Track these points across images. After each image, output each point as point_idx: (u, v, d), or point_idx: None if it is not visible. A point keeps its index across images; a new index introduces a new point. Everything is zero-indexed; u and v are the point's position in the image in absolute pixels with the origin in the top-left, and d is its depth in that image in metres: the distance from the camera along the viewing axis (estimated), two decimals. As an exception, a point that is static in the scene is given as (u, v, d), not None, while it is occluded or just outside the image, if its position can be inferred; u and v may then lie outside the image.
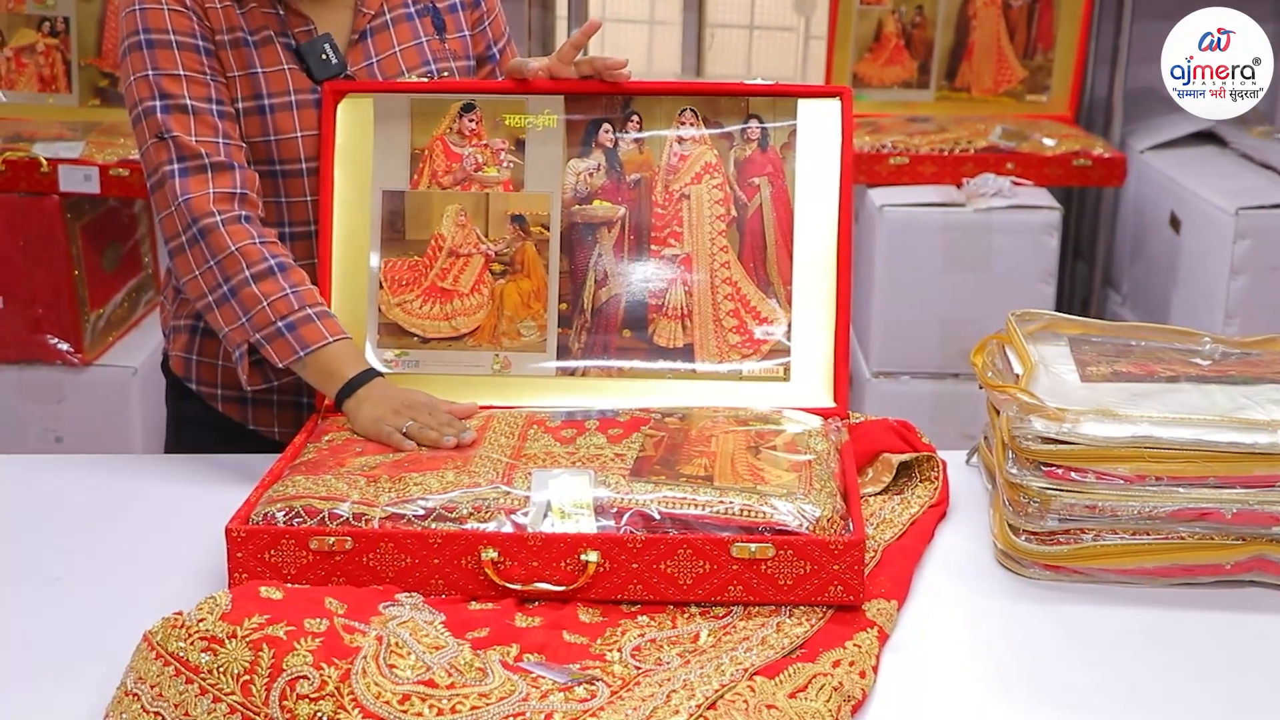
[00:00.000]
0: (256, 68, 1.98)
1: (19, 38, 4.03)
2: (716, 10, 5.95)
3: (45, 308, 3.74)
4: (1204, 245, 3.86)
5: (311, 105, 1.99)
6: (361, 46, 2.04)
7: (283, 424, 2.08)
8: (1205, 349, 1.82)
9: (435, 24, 2.12)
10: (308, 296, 1.87)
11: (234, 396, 2.08)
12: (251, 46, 1.98)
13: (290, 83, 1.99)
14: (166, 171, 1.91)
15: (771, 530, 1.51)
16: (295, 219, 2.01)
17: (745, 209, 1.90)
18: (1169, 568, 1.60)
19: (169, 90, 1.93)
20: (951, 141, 3.96)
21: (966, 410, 3.53)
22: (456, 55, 2.12)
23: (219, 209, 1.88)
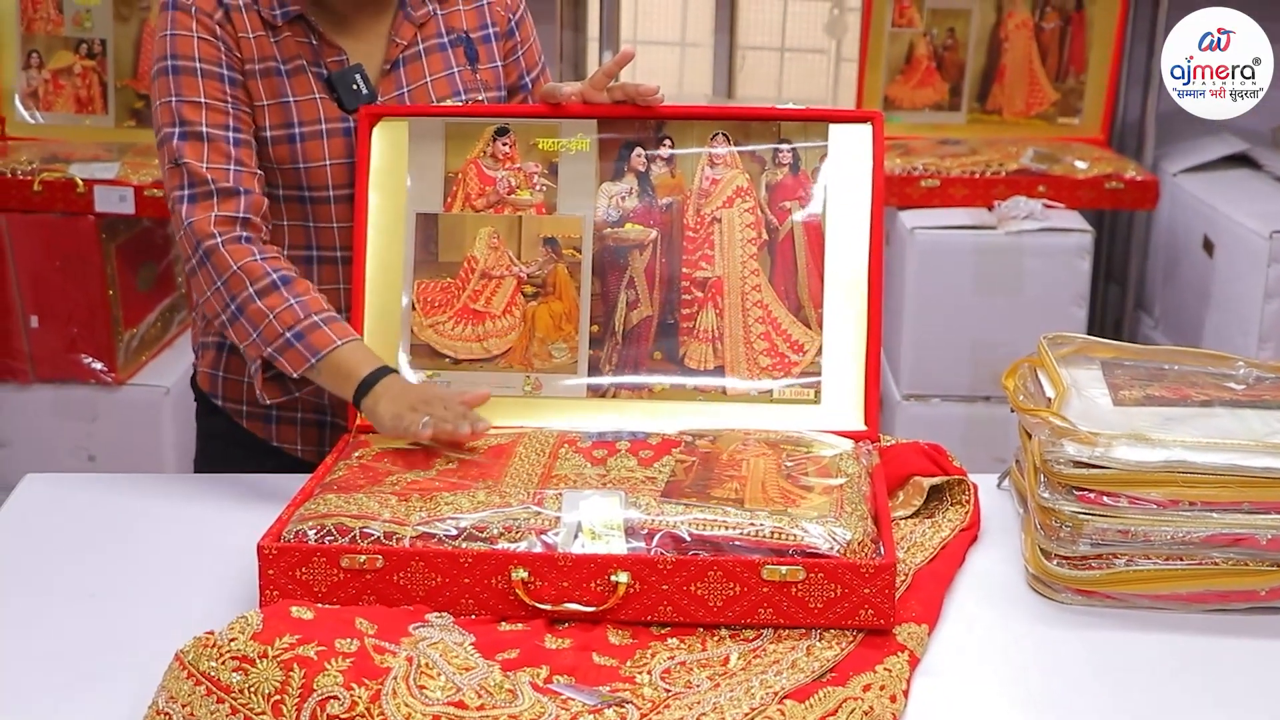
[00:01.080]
0: (288, 96, 2.00)
1: (56, 60, 4.06)
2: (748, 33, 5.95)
3: (80, 327, 3.76)
4: (1237, 268, 3.85)
5: (341, 134, 2.01)
6: (394, 76, 2.05)
7: (305, 441, 2.10)
8: (1239, 373, 1.81)
9: (468, 54, 2.13)
10: (313, 304, 1.88)
11: (258, 414, 2.10)
12: (284, 75, 2.00)
13: (321, 111, 2.01)
14: (176, 197, 1.94)
15: (802, 553, 1.51)
16: (323, 244, 2.03)
17: (776, 232, 1.90)
18: (1202, 594, 1.59)
19: (187, 117, 1.95)
20: (983, 164, 3.96)
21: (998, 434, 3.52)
22: (488, 85, 2.13)
23: (219, 230, 1.90)
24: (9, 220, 3.70)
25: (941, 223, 3.80)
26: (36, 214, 3.72)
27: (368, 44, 2.05)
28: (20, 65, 4.05)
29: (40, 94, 4.06)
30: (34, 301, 3.74)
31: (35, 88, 4.06)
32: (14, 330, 3.75)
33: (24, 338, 3.76)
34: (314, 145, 2.01)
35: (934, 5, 4.19)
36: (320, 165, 2.01)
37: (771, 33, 6.65)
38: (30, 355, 3.77)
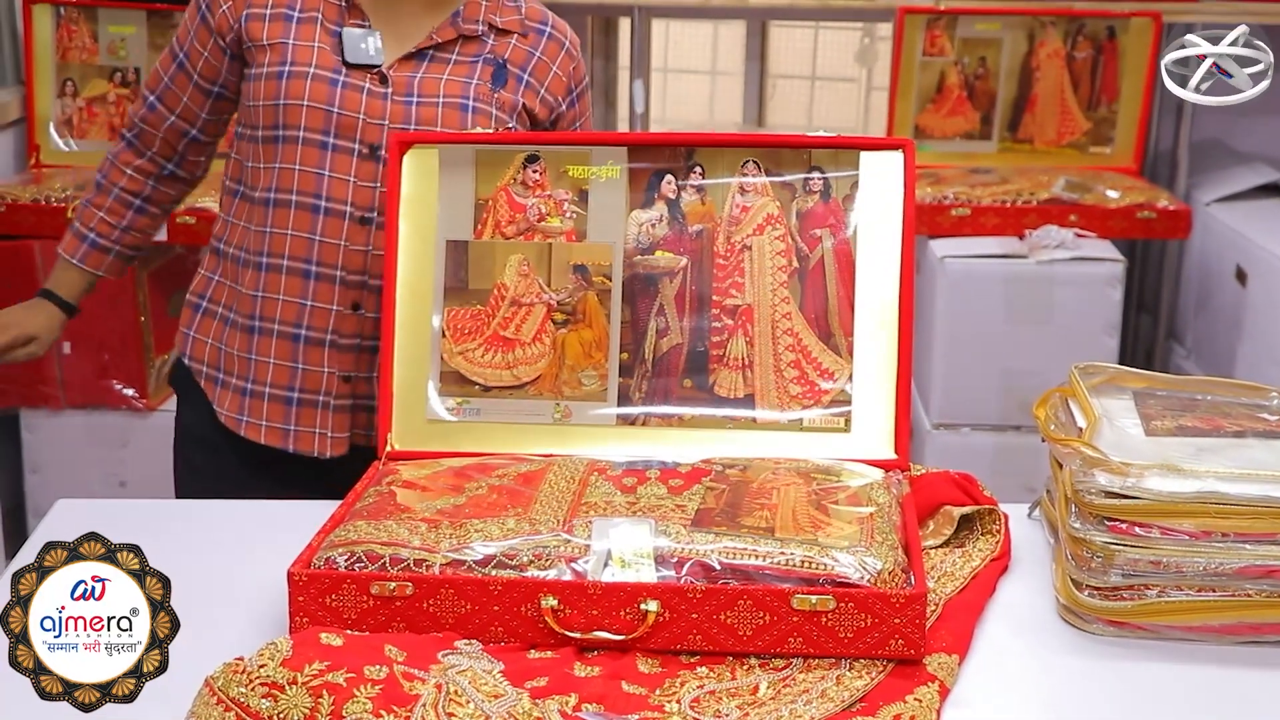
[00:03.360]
0: (289, 39, 2.14)
1: (91, 88, 4.09)
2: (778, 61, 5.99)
3: (111, 353, 3.78)
4: (1271, 298, 3.84)
5: (327, 82, 2.12)
6: (412, 63, 2.15)
7: (271, 418, 2.22)
8: (1273, 404, 1.80)
9: (495, 75, 2.16)
10: (100, 226, 2.41)
11: (232, 385, 2.24)
12: (292, 21, 2.15)
13: (315, 57, 2.14)
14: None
15: (832, 582, 1.51)
16: (282, 187, 2.18)
17: (807, 260, 1.90)
18: (1235, 625, 1.59)
19: (150, 85, 2.35)
20: (1014, 193, 3.96)
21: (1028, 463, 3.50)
22: (502, 107, 2.16)
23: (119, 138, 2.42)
24: (43, 247, 3.71)
25: (972, 251, 3.80)
26: (69, 241, 3.72)
27: (402, 29, 2.17)
28: (55, 93, 4.09)
29: (74, 121, 4.09)
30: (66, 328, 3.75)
31: (69, 115, 4.09)
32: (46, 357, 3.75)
33: (56, 364, 3.78)
34: (297, 84, 2.12)
35: (965, 34, 4.19)
36: (298, 104, 2.12)
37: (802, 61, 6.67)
38: (62, 381, 3.80)
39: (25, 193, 3.76)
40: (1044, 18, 4.18)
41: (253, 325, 2.20)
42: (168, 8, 4.11)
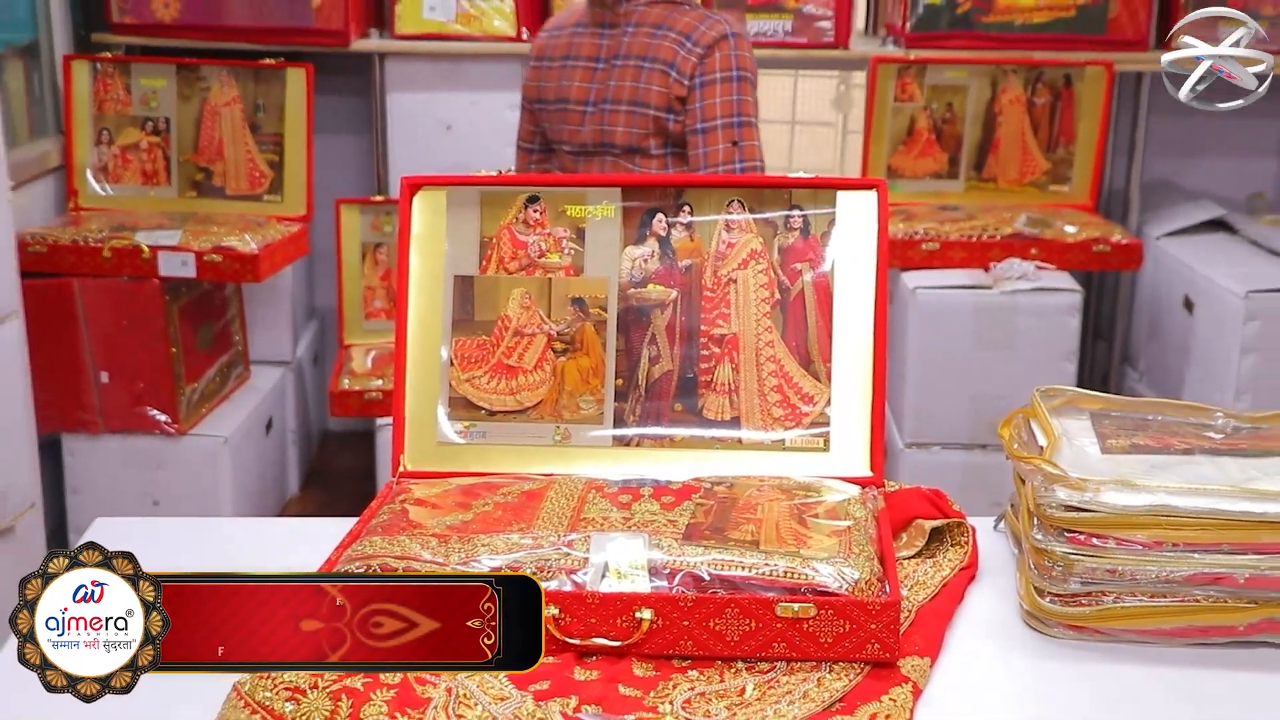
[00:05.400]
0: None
1: (125, 136, 4.11)
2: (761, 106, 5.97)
3: (145, 382, 3.79)
4: (1216, 326, 3.85)
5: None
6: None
7: None
8: (1218, 423, 1.80)
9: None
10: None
11: None
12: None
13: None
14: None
15: (813, 591, 1.51)
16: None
17: (788, 292, 1.91)
18: (1185, 629, 1.59)
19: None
20: (980, 228, 3.97)
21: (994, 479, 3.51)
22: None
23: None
24: (81, 284, 3.74)
25: (941, 283, 3.81)
26: (106, 278, 3.76)
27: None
28: (92, 142, 4.11)
29: (109, 168, 4.11)
30: (103, 359, 3.77)
31: (105, 162, 4.11)
32: (85, 385, 3.78)
33: (94, 392, 3.79)
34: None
35: (934, 82, 4.22)
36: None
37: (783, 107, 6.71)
38: (100, 408, 3.81)
39: (65, 234, 3.77)
40: (1006, 67, 4.20)
41: None
42: (195, 62, 4.13)
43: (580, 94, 2.92)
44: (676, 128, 2.76)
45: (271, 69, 4.13)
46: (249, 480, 3.98)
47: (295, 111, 4.12)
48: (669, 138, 2.78)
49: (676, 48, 2.77)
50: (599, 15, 2.89)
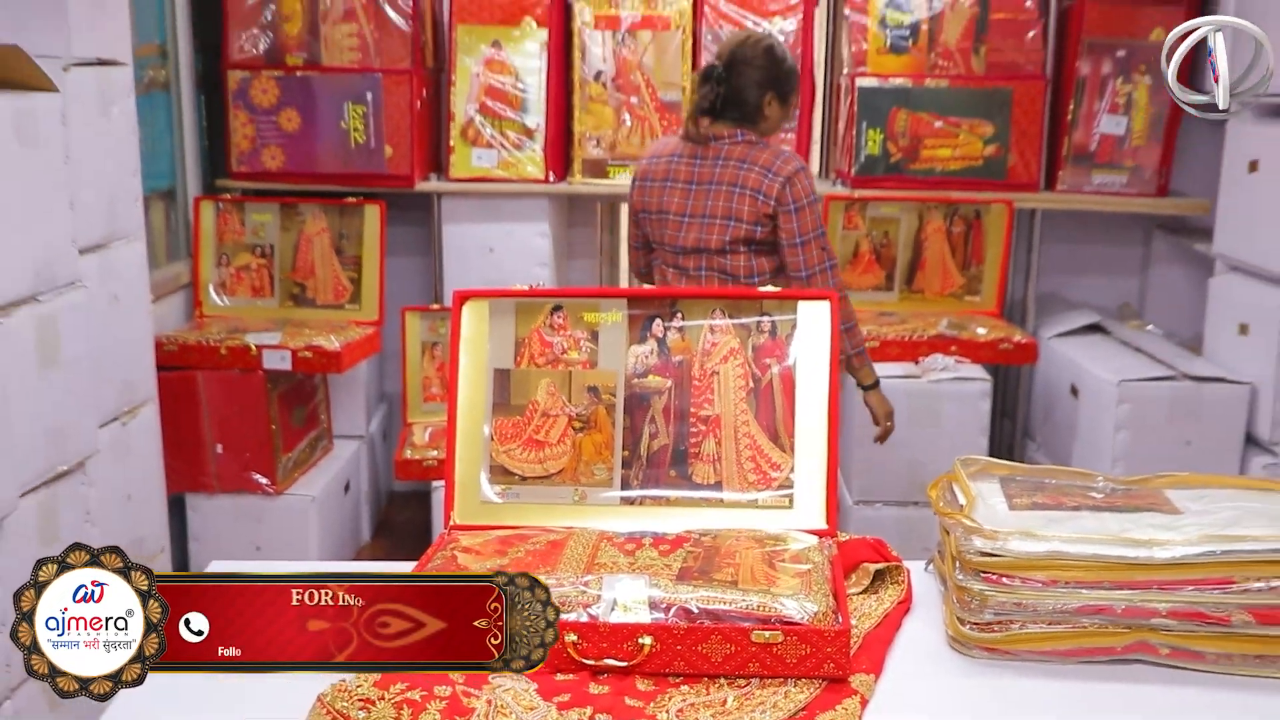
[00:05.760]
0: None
1: (239, 259, 4.14)
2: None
3: (251, 452, 3.79)
4: (1096, 408, 3.85)
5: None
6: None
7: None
8: (1099, 485, 1.79)
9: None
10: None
11: None
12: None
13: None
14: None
15: (781, 621, 1.49)
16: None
17: (760, 381, 1.90)
18: (1075, 649, 1.57)
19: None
20: (910, 330, 3.98)
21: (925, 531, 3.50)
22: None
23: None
24: (203, 376, 3.75)
25: (881, 374, 3.81)
26: (222, 371, 3.77)
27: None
28: (214, 264, 4.13)
29: (227, 284, 4.13)
30: (219, 434, 3.77)
31: (223, 279, 4.13)
32: (204, 455, 3.78)
33: (211, 460, 3.79)
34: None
35: (873, 215, 4.25)
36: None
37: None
38: (215, 473, 3.80)
39: (191, 336, 3.79)
40: (930, 204, 4.23)
41: None
42: (294, 200, 4.16)
43: (679, 208, 3.06)
44: (761, 234, 2.99)
45: (353, 206, 4.16)
46: (331, 531, 3.96)
47: (371, 238, 4.15)
48: (752, 240, 3.00)
49: (761, 178, 2.97)
50: (693, 150, 3.07)
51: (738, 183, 2.99)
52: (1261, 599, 1.53)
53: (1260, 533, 1.57)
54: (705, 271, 3.06)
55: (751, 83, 3.01)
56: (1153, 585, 1.55)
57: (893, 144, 4.25)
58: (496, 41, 4.25)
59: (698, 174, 3.04)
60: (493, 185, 4.28)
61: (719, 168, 3.02)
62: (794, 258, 2.99)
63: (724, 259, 3.02)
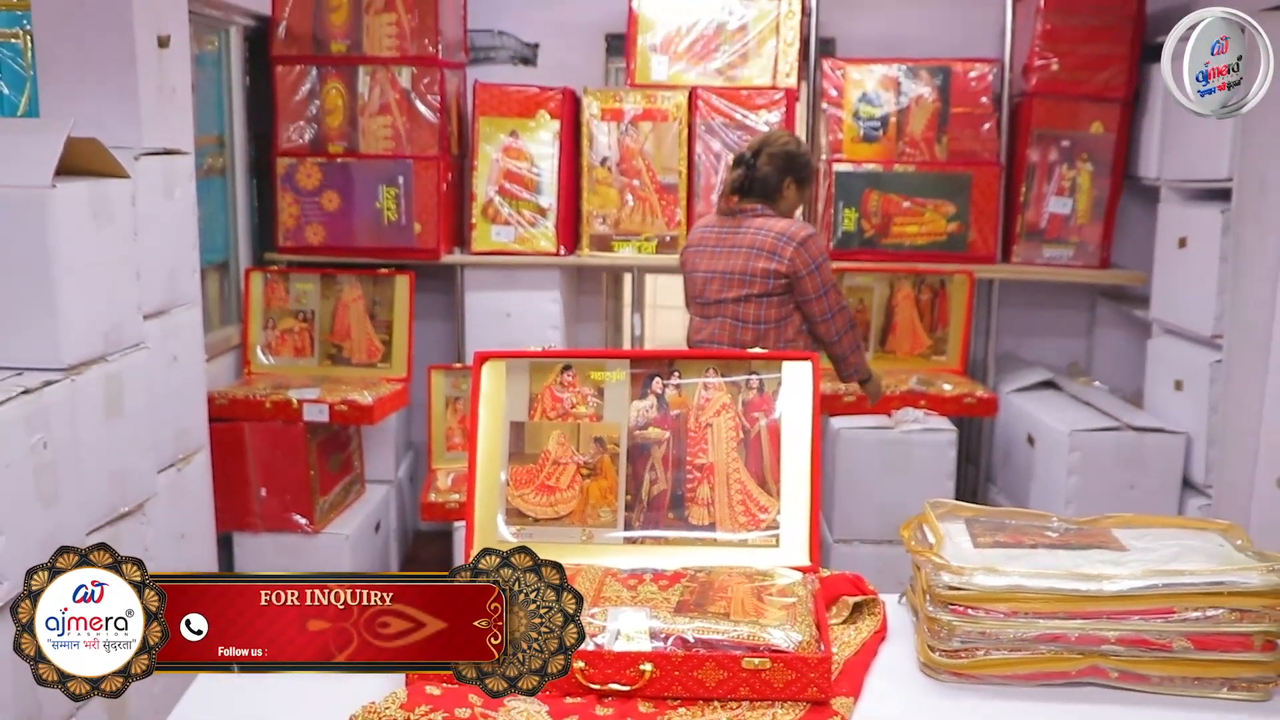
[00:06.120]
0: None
1: (283, 324, 4.15)
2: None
3: (291, 495, 3.77)
4: (1049, 455, 3.83)
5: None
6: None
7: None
8: (1054, 525, 1.78)
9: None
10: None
11: None
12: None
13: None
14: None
15: (769, 650, 1.48)
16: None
17: (749, 433, 1.90)
18: (1034, 674, 1.55)
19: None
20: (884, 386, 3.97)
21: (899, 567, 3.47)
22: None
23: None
24: (249, 427, 3.75)
25: (858, 425, 3.80)
26: (266, 423, 3.77)
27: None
28: (261, 327, 4.14)
29: (272, 345, 4.14)
30: (262, 479, 3.76)
31: (269, 341, 4.14)
32: (250, 498, 3.77)
33: (256, 502, 3.77)
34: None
35: (850, 283, 4.27)
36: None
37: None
38: (259, 514, 3.78)
39: (240, 392, 3.79)
40: (899, 274, 4.24)
41: None
42: (333, 271, 4.18)
43: (707, 268, 3.28)
44: (771, 288, 3.19)
45: (386, 276, 4.18)
46: (363, 566, 3.93)
47: (401, 305, 4.16)
48: (764, 294, 3.19)
49: (775, 241, 3.18)
50: (724, 221, 3.31)
51: (755, 245, 3.20)
52: (1199, 627, 1.51)
53: (1197, 567, 1.56)
54: (721, 318, 3.25)
55: (774, 168, 3.26)
56: (1102, 615, 1.53)
57: (866, 221, 4.28)
58: (514, 131, 4.29)
59: (724, 240, 3.27)
60: (510, 258, 4.30)
61: (741, 234, 3.24)
62: (818, 306, 3.22)
63: (738, 307, 3.22)
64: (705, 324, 3.29)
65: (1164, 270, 3.91)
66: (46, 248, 2.31)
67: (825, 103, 4.33)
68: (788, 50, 4.28)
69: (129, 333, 2.60)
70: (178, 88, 3.19)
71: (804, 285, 3.19)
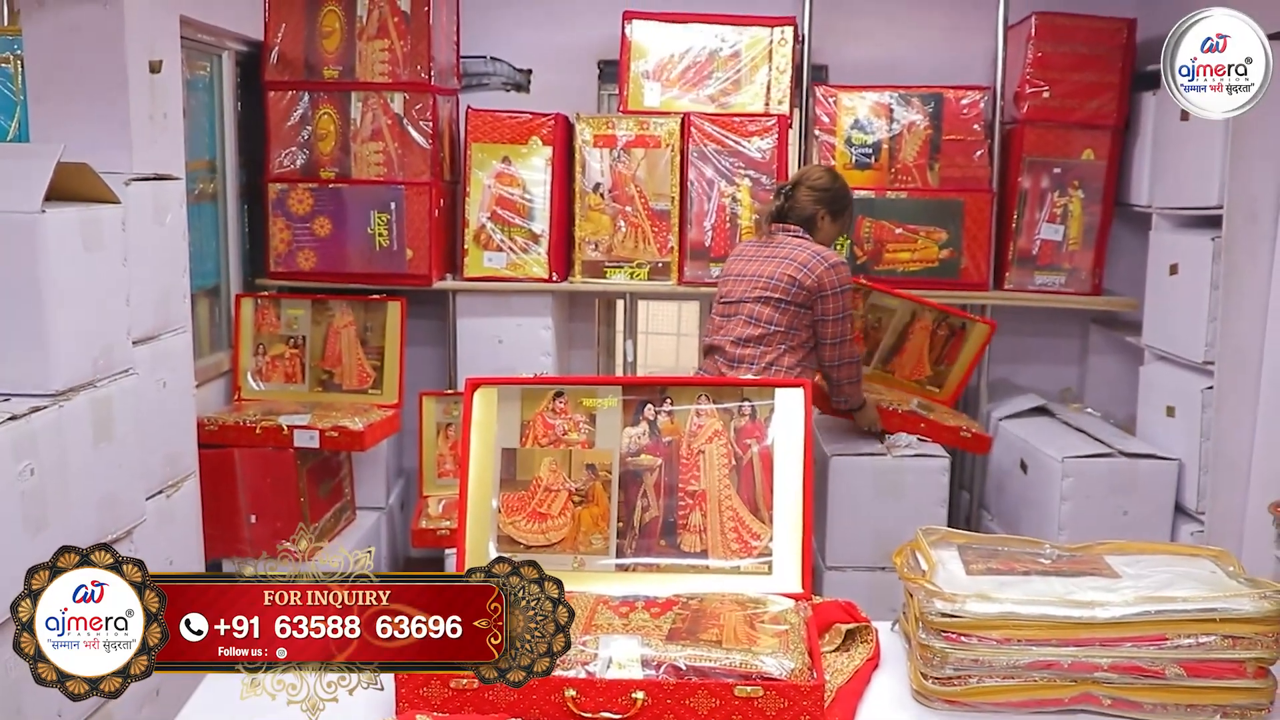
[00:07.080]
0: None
1: (274, 349, 4.15)
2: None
3: (281, 522, 3.76)
4: (1042, 481, 3.84)
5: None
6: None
7: None
8: (1047, 552, 1.79)
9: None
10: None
11: None
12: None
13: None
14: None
15: (761, 677, 1.48)
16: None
17: (741, 460, 1.90)
18: (1027, 701, 1.56)
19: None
20: (889, 401, 3.96)
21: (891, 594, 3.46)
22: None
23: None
24: (239, 453, 3.73)
25: (851, 452, 3.80)
26: (256, 448, 3.76)
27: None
28: (251, 353, 4.13)
29: (262, 371, 4.13)
30: (253, 505, 3.75)
31: (260, 367, 4.14)
32: (240, 524, 3.75)
33: (246, 528, 3.76)
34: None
35: (874, 302, 4.19)
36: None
37: (736, 328, 6.73)
38: (249, 540, 3.77)
39: (230, 418, 3.78)
40: (925, 306, 4.21)
41: None
42: (324, 297, 4.18)
43: (739, 271, 3.48)
44: (789, 297, 3.36)
45: (377, 302, 4.18)
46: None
47: (392, 331, 4.17)
48: (784, 298, 3.35)
49: (809, 258, 3.37)
50: (762, 239, 3.54)
51: (789, 257, 3.40)
52: (1191, 654, 1.52)
53: (1189, 594, 1.56)
54: (737, 317, 3.42)
55: (809, 200, 3.49)
56: (1095, 642, 1.54)
57: (859, 248, 4.29)
58: (506, 158, 4.31)
59: (760, 252, 3.49)
60: (502, 284, 4.31)
61: (779, 248, 3.45)
62: (832, 328, 3.40)
63: (754, 306, 3.39)
64: (722, 323, 3.47)
65: (1156, 296, 3.93)
66: (36, 273, 2.32)
67: (818, 129, 4.36)
68: (780, 77, 4.31)
69: (118, 358, 2.60)
70: (169, 113, 3.21)
71: (825, 305, 3.36)
